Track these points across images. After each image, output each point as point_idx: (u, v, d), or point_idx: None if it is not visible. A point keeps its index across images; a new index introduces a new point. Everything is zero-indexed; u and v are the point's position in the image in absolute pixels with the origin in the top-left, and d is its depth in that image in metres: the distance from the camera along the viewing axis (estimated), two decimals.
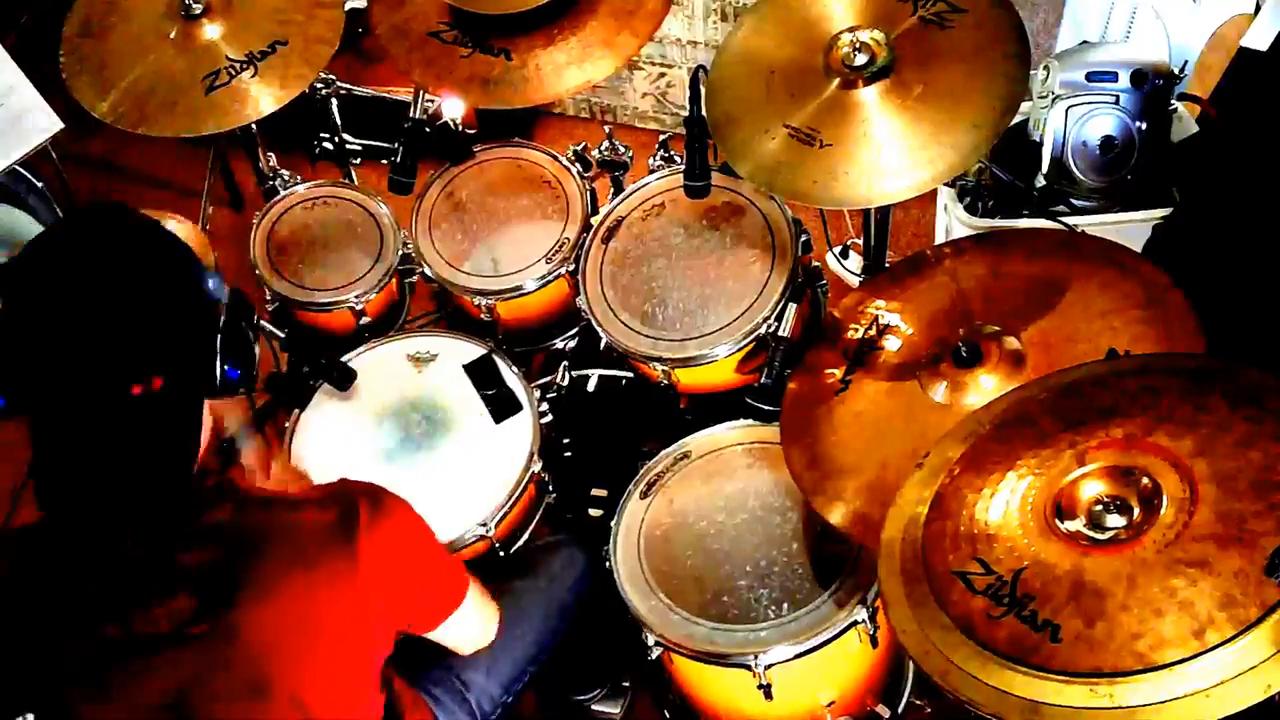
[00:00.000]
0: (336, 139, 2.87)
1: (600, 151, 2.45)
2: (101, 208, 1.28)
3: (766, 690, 1.79)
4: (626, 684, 2.20)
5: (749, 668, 1.77)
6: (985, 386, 1.67)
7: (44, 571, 1.24)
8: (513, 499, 1.97)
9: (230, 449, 1.74)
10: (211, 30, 2.21)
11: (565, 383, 2.29)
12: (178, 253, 1.26)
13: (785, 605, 1.82)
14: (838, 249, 2.83)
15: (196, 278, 1.26)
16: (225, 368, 1.26)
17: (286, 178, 2.60)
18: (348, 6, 2.32)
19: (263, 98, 2.16)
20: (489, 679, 1.75)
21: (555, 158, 2.43)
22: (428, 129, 2.27)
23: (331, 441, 2.08)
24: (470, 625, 1.56)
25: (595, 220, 2.30)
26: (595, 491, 2.28)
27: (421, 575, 1.41)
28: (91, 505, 1.21)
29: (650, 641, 1.84)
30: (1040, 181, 2.42)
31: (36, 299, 1.18)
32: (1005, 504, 1.30)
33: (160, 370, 1.18)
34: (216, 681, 1.22)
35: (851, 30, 1.82)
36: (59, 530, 1.24)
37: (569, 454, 2.31)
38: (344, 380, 2.11)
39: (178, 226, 2.38)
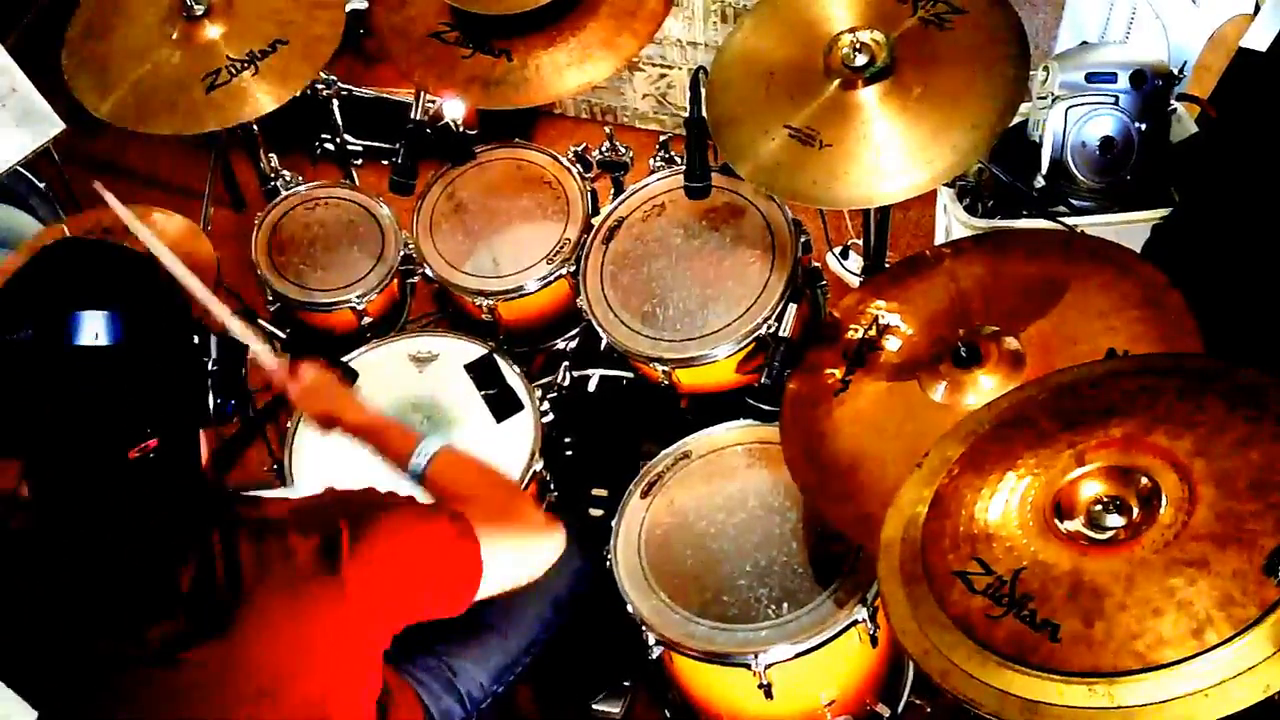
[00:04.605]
0: (338, 140, 2.88)
1: (601, 152, 2.45)
2: (75, 250, 1.25)
3: (767, 689, 1.80)
4: (627, 684, 2.20)
5: (749, 667, 1.77)
6: (985, 386, 1.68)
7: (41, 583, 1.24)
8: None
9: (227, 456, 1.73)
10: (213, 31, 2.21)
11: (566, 383, 2.30)
12: (156, 302, 1.24)
13: (785, 605, 1.82)
14: (838, 249, 2.83)
15: (180, 326, 1.25)
16: (219, 402, 1.26)
17: (288, 178, 2.60)
18: (349, 7, 2.32)
19: (263, 96, 2.17)
20: (478, 667, 1.75)
21: (556, 158, 2.43)
22: (429, 130, 2.27)
23: (333, 442, 2.08)
24: (507, 576, 1.40)
25: (596, 221, 2.30)
26: (596, 491, 2.28)
27: (418, 584, 1.33)
28: (93, 549, 1.21)
29: (651, 641, 1.84)
30: (1040, 182, 2.43)
31: (29, 382, 1.16)
32: (1004, 504, 1.30)
33: (154, 432, 1.19)
34: (212, 705, 1.23)
35: (851, 31, 1.82)
36: (58, 543, 1.23)
37: (570, 453, 2.31)
38: (345, 380, 2.11)
39: (167, 221, 2.36)
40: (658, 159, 2.41)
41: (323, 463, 2.05)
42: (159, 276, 1.27)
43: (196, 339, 1.26)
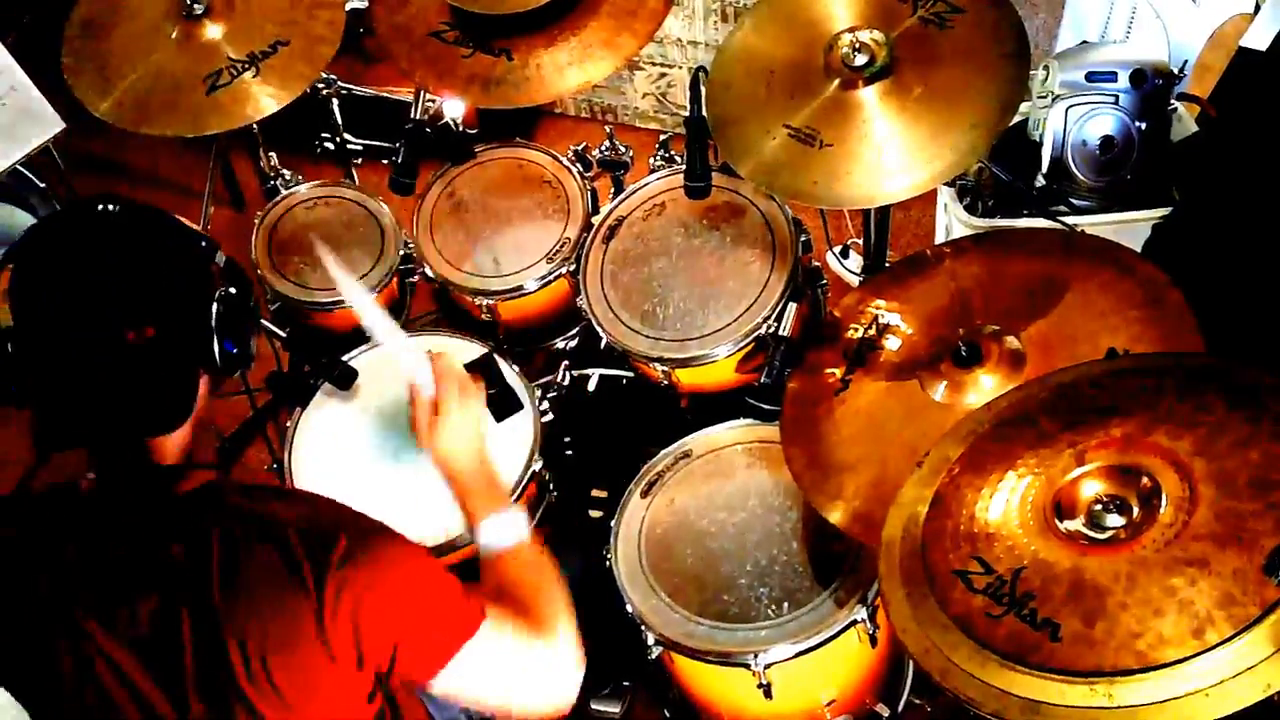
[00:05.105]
0: (338, 139, 2.88)
1: (601, 151, 2.45)
2: (107, 194, 1.31)
3: (766, 689, 1.80)
4: (627, 684, 2.20)
5: (749, 667, 1.77)
6: (985, 386, 1.68)
7: (25, 553, 1.25)
8: (513, 497, 1.97)
9: (229, 455, 1.73)
10: (213, 30, 2.21)
11: (566, 382, 2.30)
12: (180, 227, 1.31)
13: (785, 604, 1.82)
14: (838, 249, 2.83)
15: (197, 250, 1.30)
16: (223, 342, 1.28)
17: (288, 178, 2.60)
18: (349, 6, 2.32)
19: (264, 98, 2.16)
20: None
21: (556, 158, 2.43)
22: (429, 129, 2.27)
23: (333, 441, 2.08)
24: (487, 675, 1.33)
25: (596, 220, 2.30)
26: (595, 492, 2.28)
27: (403, 620, 1.28)
28: (85, 443, 1.26)
29: (651, 640, 1.84)
30: (1040, 181, 2.43)
31: (43, 258, 1.24)
32: (1005, 503, 1.30)
33: (154, 321, 1.23)
34: (196, 687, 1.23)
35: (851, 30, 1.82)
36: (43, 512, 1.27)
37: (570, 453, 2.31)
38: (345, 380, 2.12)
39: None
40: (658, 158, 2.41)
41: (323, 463, 2.05)
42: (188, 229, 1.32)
43: (210, 268, 1.30)
